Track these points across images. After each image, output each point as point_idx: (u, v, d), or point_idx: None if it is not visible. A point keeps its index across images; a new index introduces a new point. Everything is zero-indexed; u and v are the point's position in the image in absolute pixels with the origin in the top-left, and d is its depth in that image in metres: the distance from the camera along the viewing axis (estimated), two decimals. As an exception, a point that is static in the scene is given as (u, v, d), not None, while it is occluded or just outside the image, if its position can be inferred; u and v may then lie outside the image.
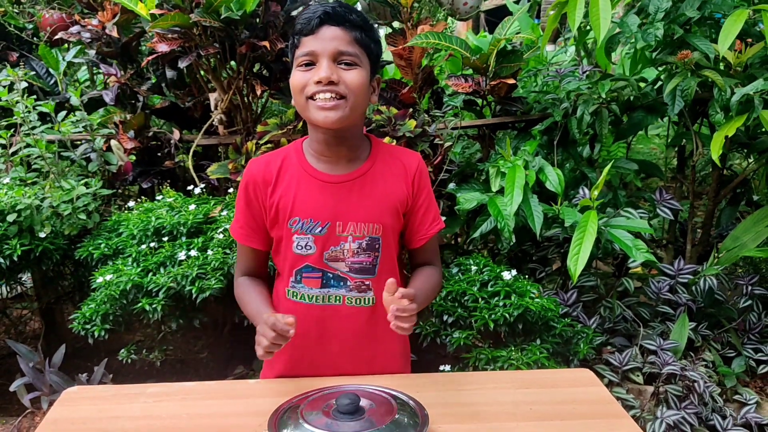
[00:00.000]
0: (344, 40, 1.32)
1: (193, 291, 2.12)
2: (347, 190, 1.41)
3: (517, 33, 3.32)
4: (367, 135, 1.51)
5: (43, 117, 2.71)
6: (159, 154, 2.89)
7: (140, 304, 2.13)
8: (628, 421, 1.26)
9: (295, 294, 1.45)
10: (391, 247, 1.45)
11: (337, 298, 1.43)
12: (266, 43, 2.41)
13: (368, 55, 1.37)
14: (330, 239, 1.40)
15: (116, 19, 2.74)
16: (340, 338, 1.46)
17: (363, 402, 1.18)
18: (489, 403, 1.32)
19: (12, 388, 2.42)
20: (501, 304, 2.15)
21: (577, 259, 2.17)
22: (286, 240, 1.43)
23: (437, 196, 2.65)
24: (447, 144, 2.56)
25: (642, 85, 2.94)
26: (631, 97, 2.86)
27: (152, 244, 2.31)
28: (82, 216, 2.45)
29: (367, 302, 1.45)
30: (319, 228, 1.40)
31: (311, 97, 1.32)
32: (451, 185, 2.65)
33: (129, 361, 2.33)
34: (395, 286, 1.24)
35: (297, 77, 1.34)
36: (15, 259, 2.30)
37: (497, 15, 5.36)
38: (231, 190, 2.59)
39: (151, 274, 2.20)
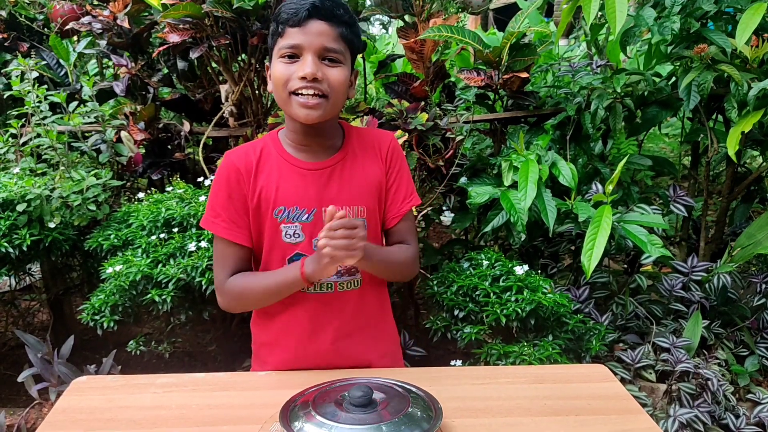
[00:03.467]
0: (330, 36, 1.31)
1: (203, 282, 2.11)
2: (327, 176, 1.42)
3: (529, 27, 3.29)
4: (339, 123, 1.51)
5: (54, 108, 2.71)
6: (169, 146, 2.88)
7: (149, 296, 2.12)
8: (643, 416, 1.24)
9: None
10: (376, 228, 1.48)
11: (329, 285, 1.43)
12: (278, 35, 2.39)
13: (351, 51, 1.37)
14: (317, 225, 1.38)
15: (127, 9, 2.73)
16: (332, 324, 1.45)
17: (376, 395, 1.15)
18: (503, 397, 1.30)
19: (20, 379, 2.41)
20: (513, 299, 2.12)
21: (591, 254, 2.14)
22: (273, 230, 1.41)
23: (449, 190, 2.63)
24: (459, 138, 2.54)
25: (656, 80, 2.91)
26: (646, 92, 2.82)
27: (162, 236, 2.30)
28: (92, 207, 2.44)
29: (356, 284, 1.46)
30: (306, 215, 1.40)
31: (294, 93, 1.32)
32: (463, 179, 2.62)
33: (137, 353, 2.33)
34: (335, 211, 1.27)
35: (279, 69, 1.33)
36: (24, 249, 2.29)
37: (506, 14, 5.33)
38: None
39: (160, 265, 2.19)
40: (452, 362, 2.19)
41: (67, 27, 2.94)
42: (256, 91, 2.68)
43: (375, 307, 1.52)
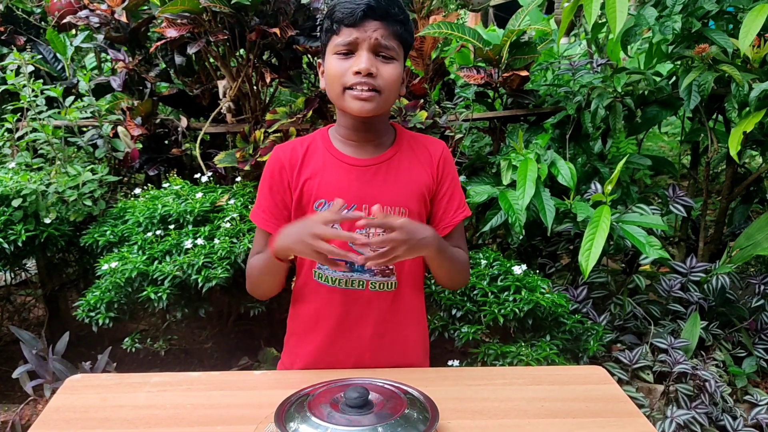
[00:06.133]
0: (385, 33, 1.32)
1: (199, 280, 2.10)
2: (372, 173, 1.41)
3: (530, 25, 3.27)
4: (391, 124, 1.50)
5: (50, 102, 2.69)
6: (166, 141, 2.86)
7: (145, 293, 2.11)
8: (641, 419, 1.23)
9: (320, 276, 1.43)
10: None
11: (361, 283, 1.41)
12: (276, 30, 2.37)
13: (404, 48, 1.38)
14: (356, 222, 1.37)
15: (125, 3, 2.71)
16: (362, 324, 1.43)
17: (372, 396, 1.14)
18: (500, 399, 1.29)
19: (15, 375, 2.40)
20: (511, 298, 2.12)
21: (589, 254, 2.14)
22: None
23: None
24: (458, 136, 2.53)
25: (657, 79, 2.90)
26: (646, 92, 2.81)
27: (158, 232, 2.29)
28: (88, 202, 2.42)
29: (390, 287, 1.44)
30: (345, 211, 1.38)
31: (349, 87, 1.33)
32: (462, 178, 2.61)
33: (133, 349, 2.31)
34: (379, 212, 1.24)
35: (334, 65, 1.34)
36: (19, 244, 2.27)
37: (506, 11, 5.31)
38: (238, 179, 2.57)
39: (156, 262, 2.18)
40: (449, 362, 2.18)
41: (65, 21, 2.91)
42: (254, 87, 2.66)
43: (410, 312, 1.49)
